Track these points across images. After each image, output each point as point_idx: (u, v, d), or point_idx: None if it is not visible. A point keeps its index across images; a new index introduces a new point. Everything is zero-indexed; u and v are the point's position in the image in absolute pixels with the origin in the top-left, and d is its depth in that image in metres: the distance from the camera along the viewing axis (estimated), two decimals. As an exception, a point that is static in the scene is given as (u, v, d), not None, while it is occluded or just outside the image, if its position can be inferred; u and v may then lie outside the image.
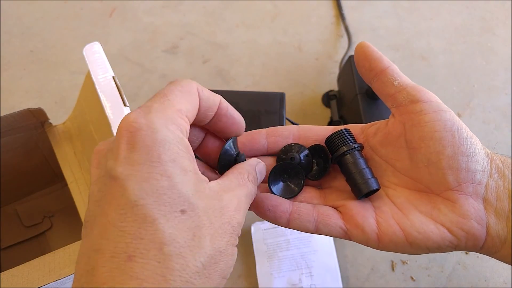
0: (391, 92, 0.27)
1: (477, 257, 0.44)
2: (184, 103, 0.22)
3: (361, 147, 0.28)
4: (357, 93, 0.45)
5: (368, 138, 0.29)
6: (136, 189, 0.19)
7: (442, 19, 0.64)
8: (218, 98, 0.25)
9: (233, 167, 0.26)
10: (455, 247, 0.26)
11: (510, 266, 0.43)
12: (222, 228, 0.21)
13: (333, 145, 0.28)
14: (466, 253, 0.44)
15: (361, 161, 0.27)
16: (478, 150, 0.26)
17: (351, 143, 0.27)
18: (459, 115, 0.54)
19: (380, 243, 0.26)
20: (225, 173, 0.25)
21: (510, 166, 0.27)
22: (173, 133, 0.20)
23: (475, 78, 0.58)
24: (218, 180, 0.23)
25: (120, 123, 0.20)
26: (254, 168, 0.26)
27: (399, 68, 0.29)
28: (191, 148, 0.22)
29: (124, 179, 0.19)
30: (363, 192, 0.26)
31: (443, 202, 0.26)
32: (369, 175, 0.26)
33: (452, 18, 0.64)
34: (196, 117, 0.24)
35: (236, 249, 0.22)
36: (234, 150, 0.27)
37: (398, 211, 0.27)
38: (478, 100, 0.56)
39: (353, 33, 0.60)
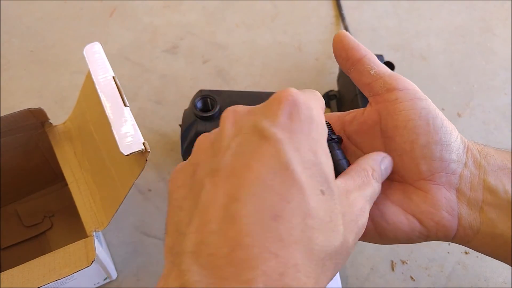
0: (368, 81, 0.27)
1: (477, 257, 0.44)
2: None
3: (339, 139, 0.28)
4: (357, 93, 0.45)
5: (345, 126, 0.29)
6: (289, 154, 0.19)
7: (442, 19, 0.64)
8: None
9: (355, 162, 0.25)
10: (426, 238, 0.26)
11: (510, 266, 0.43)
12: (350, 224, 0.21)
13: None
14: (466, 253, 0.45)
15: (338, 153, 0.26)
16: (453, 139, 0.25)
17: (328, 135, 0.27)
18: (459, 115, 0.54)
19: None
20: (346, 170, 0.24)
21: (488, 155, 0.26)
22: (320, 116, 0.22)
23: (474, 78, 0.58)
24: (340, 178, 0.23)
25: (278, 93, 0.21)
26: (379, 164, 0.25)
27: (399, 69, 0.29)
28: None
29: (278, 141, 0.19)
30: None
31: (415, 191, 0.26)
32: (345, 166, 0.26)
33: (452, 18, 0.64)
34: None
35: (353, 250, 0.22)
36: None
37: None
38: (478, 100, 0.56)
39: (353, 33, 0.60)
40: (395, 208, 0.26)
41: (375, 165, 0.24)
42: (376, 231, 0.26)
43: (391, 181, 0.27)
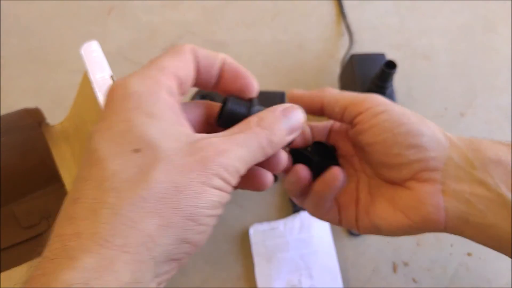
0: (338, 117, 0.30)
1: (480, 258, 0.44)
2: (172, 62, 0.22)
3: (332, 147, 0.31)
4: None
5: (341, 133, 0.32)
6: (97, 139, 0.20)
7: (444, 18, 0.63)
8: (222, 55, 0.24)
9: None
10: (417, 230, 0.28)
11: (509, 257, 0.43)
12: (187, 165, 0.19)
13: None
14: (469, 255, 0.44)
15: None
16: (426, 139, 0.27)
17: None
18: (461, 115, 0.54)
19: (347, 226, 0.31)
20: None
21: (478, 149, 0.27)
22: (145, 86, 0.21)
23: (477, 77, 0.57)
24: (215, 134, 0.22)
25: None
26: (275, 114, 0.23)
27: (401, 68, 0.29)
28: (174, 102, 0.21)
29: (92, 135, 0.20)
30: None
31: (402, 190, 0.28)
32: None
33: (454, 17, 0.63)
34: (198, 77, 0.23)
35: (213, 191, 0.19)
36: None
37: (369, 197, 0.30)
38: (481, 100, 0.55)
39: (354, 32, 0.60)
40: (385, 205, 0.29)
41: (267, 115, 0.23)
42: (372, 225, 0.29)
43: (383, 181, 0.30)
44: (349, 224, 0.31)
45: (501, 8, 0.64)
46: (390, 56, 0.55)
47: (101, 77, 0.35)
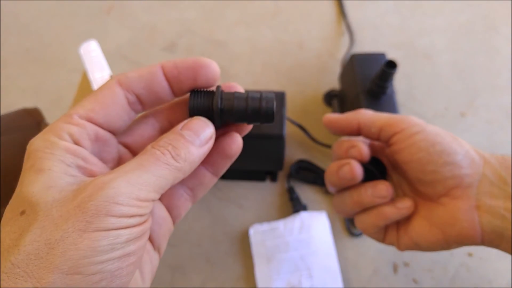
0: (375, 137, 0.32)
1: (480, 259, 0.44)
2: (87, 106, 0.21)
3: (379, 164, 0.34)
4: (359, 92, 0.45)
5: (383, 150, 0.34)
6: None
7: (445, 17, 0.63)
8: (157, 64, 0.22)
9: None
10: (455, 245, 0.29)
11: (513, 268, 0.43)
12: (64, 216, 0.17)
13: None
14: (470, 255, 0.44)
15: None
16: (460, 157, 0.29)
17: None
18: (462, 115, 0.54)
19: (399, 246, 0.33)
20: None
21: (510, 166, 0.29)
22: (44, 141, 0.20)
23: (478, 77, 0.57)
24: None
25: None
26: (174, 130, 0.21)
27: (402, 67, 0.30)
28: (76, 149, 0.20)
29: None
30: None
31: (437, 207, 0.30)
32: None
33: (455, 16, 0.63)
34: (143, 100, 0.22)
35: (99, 234, 0.17)
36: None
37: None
38: (482, 100, 0.55)
39: (355, 31, 0.60)
40: (422, 221, 0.30)
41: (166, 141, 0.20)
42: (412, 242, 0.31)
43: (419, 198, 0.32)
44: (391, 241, 0.33)
45: (502, 7, 0.64)
46: (390, 55, 0.55)
47: (101, 76, 0.35)
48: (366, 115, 0.32)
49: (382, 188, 0.31)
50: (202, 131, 0.21)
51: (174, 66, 0.22)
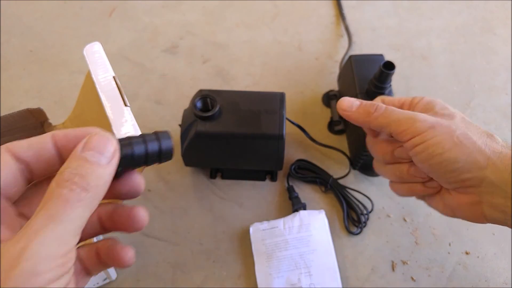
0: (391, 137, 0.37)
1: (478, 257, 0.44)
2: None
3: None
4: (358, 93, 0.45)
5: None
6: None
7: (442, 19, 0.64)
8: (47, 135, 0.21)
9: None
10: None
11: (510, 266, 0.43)
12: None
13: None
14: (467, 253, 0.44)
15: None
16: (460, 164, 0.31)
17: None
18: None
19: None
20: None
21: (510, 164, 0.31)
22: None
23: (475, 78, 0.58)
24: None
25: None
26: (75, 154, 0.19)
27: (399, 68, 0.30)
28: None
29: None
30: None
31: (449, 193, 0.35)
32: None
33: (452, 18, 0.64)
34: (34, 167, 0.21)
35: None
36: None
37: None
38: (479, 100, 0.56)
39: (353, 33, 0.60)
40: (439, 198, 0.36)
41: (66, 162, 0.19)
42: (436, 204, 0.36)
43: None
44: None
45: (499, 9, 0.65)
46: (388, 57, 0.56)
47: (104, 77, 0.35)
48: (376, 120, 0.35)
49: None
50: (105, 146, 0.20)
51: (64, 135, 0.21)
